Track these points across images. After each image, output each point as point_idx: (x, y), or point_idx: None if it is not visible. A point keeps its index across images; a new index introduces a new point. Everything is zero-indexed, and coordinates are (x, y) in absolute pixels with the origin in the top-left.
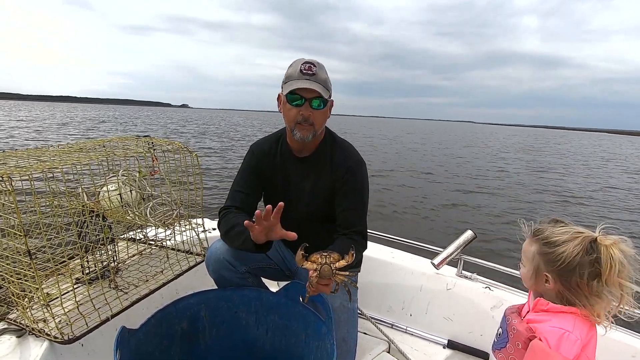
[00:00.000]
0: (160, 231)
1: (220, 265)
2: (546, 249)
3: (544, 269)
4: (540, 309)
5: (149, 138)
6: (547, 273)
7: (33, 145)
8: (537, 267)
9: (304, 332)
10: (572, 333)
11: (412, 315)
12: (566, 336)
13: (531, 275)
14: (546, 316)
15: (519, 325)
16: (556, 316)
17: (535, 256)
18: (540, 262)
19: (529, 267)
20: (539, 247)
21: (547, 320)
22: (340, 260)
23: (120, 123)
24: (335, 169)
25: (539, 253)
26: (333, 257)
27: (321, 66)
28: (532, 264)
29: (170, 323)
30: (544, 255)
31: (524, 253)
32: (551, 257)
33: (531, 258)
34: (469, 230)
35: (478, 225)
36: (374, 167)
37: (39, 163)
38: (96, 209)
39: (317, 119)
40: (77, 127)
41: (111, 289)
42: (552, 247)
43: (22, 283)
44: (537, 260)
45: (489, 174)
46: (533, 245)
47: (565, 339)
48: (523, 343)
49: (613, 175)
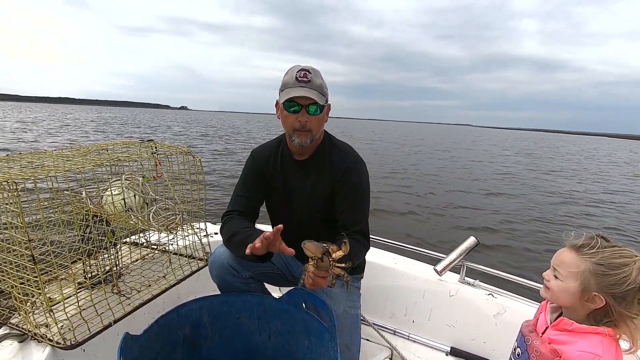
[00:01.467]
0: (163, 236)
1: (224, 270)
2: (604, 270)
3: (595, 289)
4: (564, 328)
5: (152, 142)
6: (598, 293)
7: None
8: (586, 286)
9: (307, 339)
10: (602, 358)
11: (414, 322)
12: None
13: (574, 292)
14: (571, 337)
15: (542, 347)
16: (582, 337)
17: (586, 275)
18: (592, 282)
19: (574, 284)
20: (592, 266)
21: (572, 342)
22: (338, 251)
23: (120, 124)
24: (334, 170)
25: (592, 273)
26: (331, 248)
27: (316, 72)
28: (579, 282)
29: (172, 329)
30: (599, 276)
31: (565, 267)
32: (609, 279)
33: (578, 275)
34: (471, 237)
35: (481, 232)
36: (374, 170)
37: (42, 167)
38: (99, 213)
39: (314, 125)
40: (81, 129)
41: (113, 294)
42: (611, 269)
43: (24, 288)
44: (587, 279)
45: (490, 179)
46: (583, 263)
47: None
48: None
49: (620, 179)
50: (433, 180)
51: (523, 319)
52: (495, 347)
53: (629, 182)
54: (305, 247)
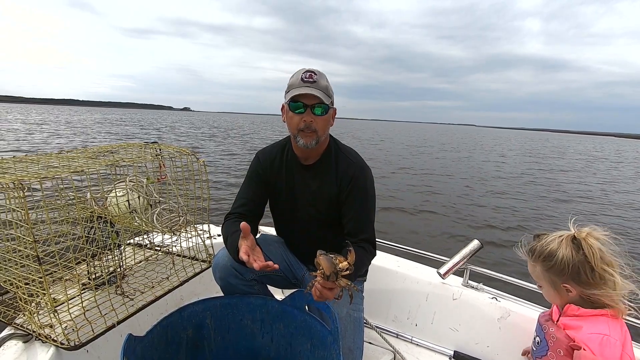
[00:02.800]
0: (167, 237)
1: (227, 272)
2: (549, 263)
3: (560, 281)
4: (573, 314)
5: (156, 144)
6: (565, 284)
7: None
8: (553, 282)
9: (310, 341)
10: (610, 336)
11: (417, 325)
12: (606, 340)
13: (553, 292)
14: (579, 321)
15: (558, 333)
16: (589, 320)
17: (544, 274)
18: (552, 276)
19: (547, 285)
20: (541, 264)
21: (581, 327)
22: (344, 262)
23: (123, 126)
24: (340, 176)
25: (545, 270)
26: (338, 259)
27: (322, 74)
28: (547, 282)
29: (175, 330)
30: (550, 269)
31: (533, 276)
32: (557, 267)
33: (542, 277)
34: (475, 240)
35: (484, 235)
36: (378, 171)
37: (48, 169)
38: (104, 214)
39: (320, 125)
40: (88, 131)
41: (117, 295)
42: (552, 259)
43: (29, 288)
44: (547, 277)
45: (493, 181)
46: (537, 266)
47: (606, 343)
48: (565, 350)
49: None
50: (437, 180)
51: (528, 323)
52: (499, 351)
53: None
54: (319, 259)
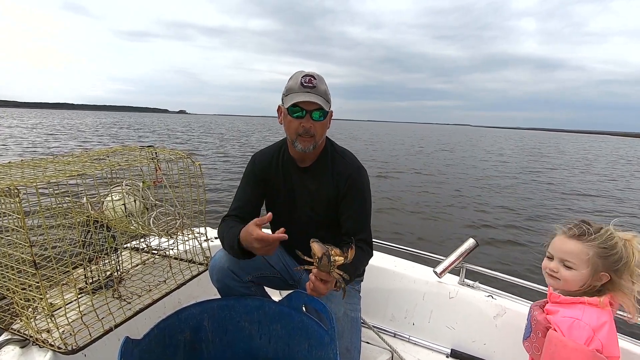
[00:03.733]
0: (164, 240)
1: (224, 274)
2: (607, 252)
3: (602, 270)
4: (554, 301)
5: (152, 148)
6: (604, 272)
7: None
8: (596, 268)
9: (307, 342)
10: (581, 320)
11: (414, 324)
12: (576, 324)
13: (586, 277)
14: (558, 307)
15: (539, 316)
16: (567, 307)
17: (594, 259)
18: (599, 264)
19: (586, 269)
20: (597, 250)
21: (557, 312)
22: (340, 257)
23: (117, 129)
24: (336, 178)
25: (599, 256)
26: (334, 251)
27: (321, 78)
28: (590, 266)
29: (173, 333)
30: (604, 257)
31: (574, 256)
32: (612, 259)
33: (588, 260)
34: (470, 239)
35: (480, 233)
36: (372, 172)
37: (44, 174)
38: (100, 218)
39: (318, 130)
40: (85, 135)
41: (114, 299)
42: (611, 249)
43: (26, 293)
44: (595, 263)
45: (488, 180)
46: (590, 249)
47: (575, 326)
48: (542, 332)
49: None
50: (432, 180)
51: (523, 320)
52: (495, 349)
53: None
54: (311, 245)
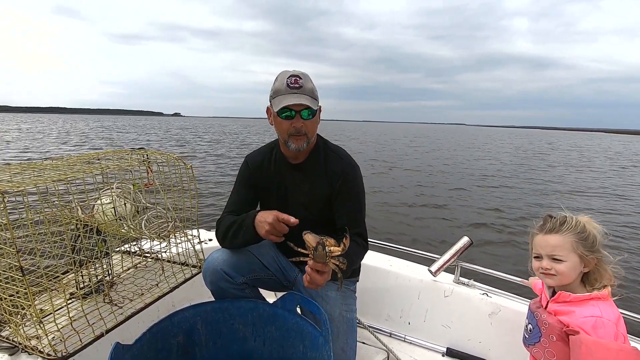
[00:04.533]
0: (156, 243)
1: (218, 276)
2: (582, 235)
3: (586, 253)
4: (564, 300)
5: (143, 150)
6: (592, 254)
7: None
8: (581, 253)
9: (302, 343)
10: (602, 317)
11: (410, 324)
12: (599, 322)
13: (578, 264)
14: (571, 307)
15: (550, 319)
16: (580, 305)
17: (577, 245)
18: (582, 248)
19: (575, 257)
20: (575, 236)
21: (573, 312)
22: (336, 247)
23: (117, 132)
24: (330, 175)
25: (579, 241)
26: (329, 241)
27: (306, 76)
28: (577, 253)
29: (166, 337)
30: (583, 241)
31: (560, 249)
32: (588, 240)
33: (570, 249)
34: (465, 237)
35: (474, 232)
36: (367, 171)
37: (32, 178)
38: (90, 222)
39: (309, 128)
40: (77, 139)
41: (105, 304)
42: (584, 232)
43: (14, 300)
44: (579, 248)
45: (481, 179)
46: (570, 238)
47: (599, 325)
48: (557, 335)
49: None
50: (426, 179)
51: (518, 317)
52: (491, 347)
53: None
54: (305, 237)
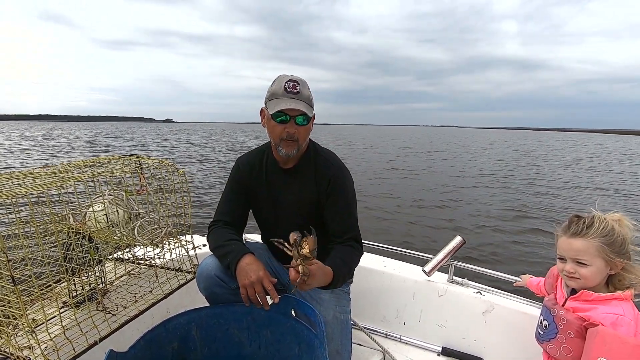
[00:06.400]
0: (149, 250)
1: (211, 281)
2: (609, 239)
3: (612, 256)
4: (585, 299)
5: (135, 156)
6: (619, 258)
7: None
8: (607, 258)
9: (297, 346)
10: (624, 316)
11: (405, 324)
12: (620, 319)
13: (603, 268)
14: (592, 305)
15: (568, 315)
16: (602, 304)
17: (603, 249)
18: (608, 252)
19: (600, 262)
20: (601, 240)
21: (594, 309)
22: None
23: (109, 138)
24: (319, 178)
25: (606, 245)
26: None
27: (304, 83)
28: (602, 257)
29: (160, 344)
30: (610, 245)
31: (584, 253)
32: (616, 243)
33: (596, 252)
34: (457, 236)
35: (466, 231)
36: (360, 173)
37: (22, 186)
38: (82, 230)
39: (301, 135)
40: (67, 146)
41: (99, 312)
42: (611, 235)
43: (5, 310)
44: (605, 252)
45: (471, 178)
46: (596, 241)
47: (619, 322)
48: (575, 332)
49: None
50: (419, 179)
51: (512, 315)
52: (485, 345)
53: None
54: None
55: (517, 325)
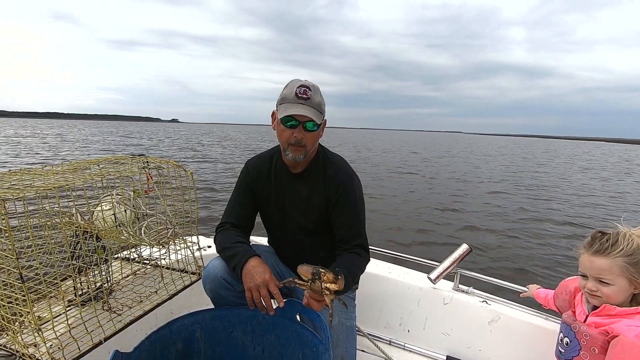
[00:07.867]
0: (155, 250)
1: (218, 283)
2: (634, 258)
3: (639, 277)
4: (608, 314)
5: (143, 157)
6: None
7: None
8: (632, 277)
9: (301, 352)
10: None
11: (409, 331)
12: None
13: (627, 288)
14: (615, 319)
15: (591, 330)
16: (627, 317)
17: (627, 268)
18: (632, 271)
19: (623, 281)
20: (626, 259)
21: (617, 322)
22: (332, 284)
23: (105, 137)
24: (328, 184)
25: (630, 265)
26: (327, 276)
27: (316, 89)
28: (626, 277)
29: (164, 345)
30: (635, 264)
31: (607, 272)
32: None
33: (620, 272)
34: (464, 244)
35: (473, 239)
36: (366, 179)
37: (31, 185)
38: (90, 229)
39: (309, 141)
40: (75, 144)
41: (104, 311)
42: (637, 255)
43: (12, 307)
44: (629, 272)
45: (478, 185)
46: (619, 261)
47: None
48: (600, 347)
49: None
50: (423, 185)
51: (517, 325)
52: (490, 355)
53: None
54: (299, 270)
55: (523, 336)
